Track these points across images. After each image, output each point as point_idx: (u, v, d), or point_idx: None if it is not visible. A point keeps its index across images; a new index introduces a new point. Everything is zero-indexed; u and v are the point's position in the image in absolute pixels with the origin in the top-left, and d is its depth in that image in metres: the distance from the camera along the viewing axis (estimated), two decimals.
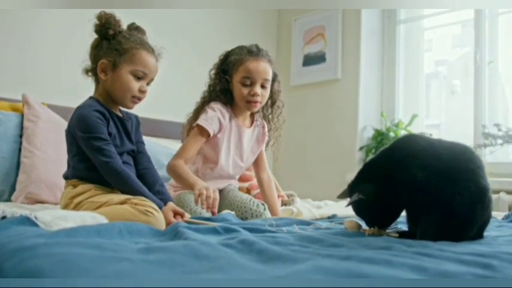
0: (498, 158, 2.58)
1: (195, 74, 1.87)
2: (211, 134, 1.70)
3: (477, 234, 1.10)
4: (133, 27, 1.53)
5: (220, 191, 1.82)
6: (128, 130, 1.53)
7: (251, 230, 1.13)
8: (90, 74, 1.51)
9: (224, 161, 1.76)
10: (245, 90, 1.71)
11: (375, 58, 3.22)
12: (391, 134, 2.98)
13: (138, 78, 1.46)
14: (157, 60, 1.53)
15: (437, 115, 3.25)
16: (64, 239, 0.72)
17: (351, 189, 1.16)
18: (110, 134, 1.43)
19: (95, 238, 0.80)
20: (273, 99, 1.83)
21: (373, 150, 3.03)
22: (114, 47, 1.45)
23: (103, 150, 1.37)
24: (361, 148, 3.08)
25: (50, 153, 1.94)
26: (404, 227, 1.34)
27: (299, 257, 0.69)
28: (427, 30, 3.30)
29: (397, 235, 1.16)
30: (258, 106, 1.75)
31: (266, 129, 1.88)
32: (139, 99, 1.50)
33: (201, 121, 1.69)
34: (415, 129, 3.00)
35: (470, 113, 2.90)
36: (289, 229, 1.19)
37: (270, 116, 1.86)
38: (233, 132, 1.77)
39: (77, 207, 1.40)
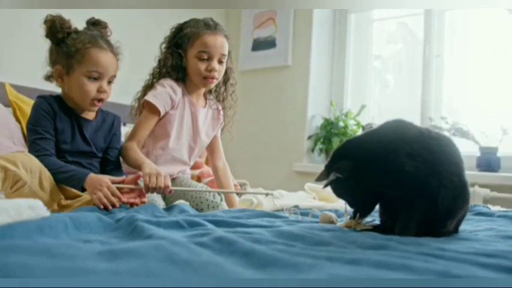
0: None
1: (142, 54, 1.72)
2: (162, 112, 1.57)
3: (453, 229, 1.05)
4: (91, 22, 1.46)
5: (173, 180, 1.67)
6: (83, 132, 1.44)
7: (216, 223, 1.01)
8: (52, 79, 1.45)
9: (176, 139, 1.63)
10: (202, 66, 1.60)
11: (325, 46, 3.17)
12: (341, 124, 2.95)
13: (94, 79, 1.39)
14: (116, 54, 1.44)
15: (371, 108, 3.30)
16: None
17: (328, 170, 1.06)
18: (57, 128, 1.38)
19: (37, 237, 0.64)
20: (226, 76, 1.73)
21: (322, 140, 2.99)
22: (64, 51, 1.39)
23: (35, 144, 1.35)
24: (309, 137, 3.03)
25: None
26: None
27: (298, 262, 0.58)
28: (376, 21, 3.30)
29: (371, 228, 1.09)
30: (214, 82, 1.65)
31: (221, 112, 1.76)
32: (101, 100, 1.43)
33: (149, 97, 1.56)
34: (363, 119, 2.99)
35: (404, 107, 2.99)
36: (256, 222, 1.08)
37: (225, 94, 1.75)
38: (186, 109, 1.65)
39: None
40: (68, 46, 1.38)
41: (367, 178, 0.99)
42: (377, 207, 1.13)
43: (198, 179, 1.97)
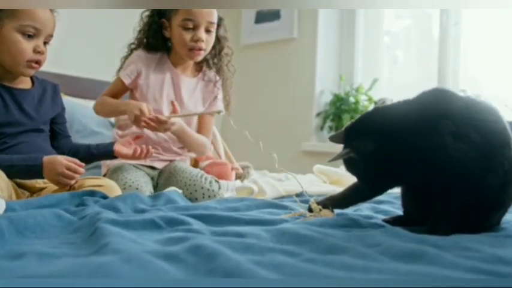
0: None
1: (125, 27, 1.55)
2: (126, 80, 1.47)
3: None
4: None
5: (167, 164, 1.50)
6: (23, 106, 1.21)
7: (204, 218, 0.83)
8: None
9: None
10: (187, 35, 1.43)
11: (333, 16, 2.96)
12: (351, 99, 2.75)
13: (30, 36, 1.16)
14: (53, 11, 1.22)
15: (383, 82, 3.10)
16: None
17: (347, 138, 0.88)
18: None
19: None
20: (220, 46, 1.55)
21: (331, 117, 2.80)
22: None
23: None
24: (318, 114, 2.84)
25: None
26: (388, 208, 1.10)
27: None
28: None
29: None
30: (202, 54, 1.48)
31: (217, 85, 1.57)
32: (38, 62, 1.19)
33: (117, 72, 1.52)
34: (375, 94, 2.79)
35: (418, 80, 2.80)
36: (254, 216, 0.89)
37: (220, 65, 1.58)
38: (167, 80, 1.50)
39: None
40: None
41: (394, 160, 0.80)
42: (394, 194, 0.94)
43: (195, 162, 1.79)
